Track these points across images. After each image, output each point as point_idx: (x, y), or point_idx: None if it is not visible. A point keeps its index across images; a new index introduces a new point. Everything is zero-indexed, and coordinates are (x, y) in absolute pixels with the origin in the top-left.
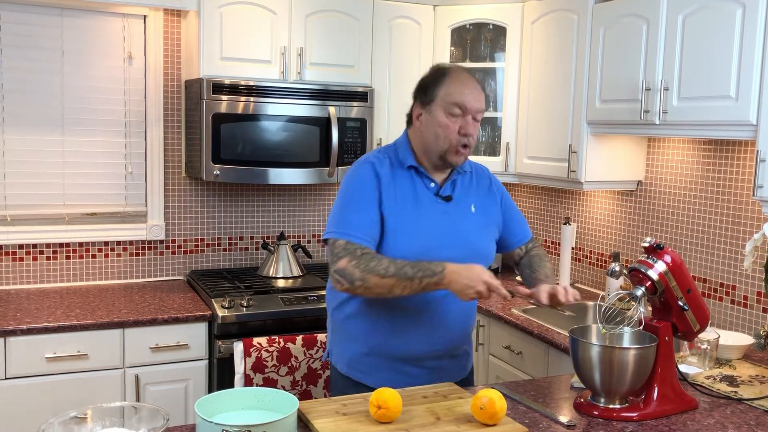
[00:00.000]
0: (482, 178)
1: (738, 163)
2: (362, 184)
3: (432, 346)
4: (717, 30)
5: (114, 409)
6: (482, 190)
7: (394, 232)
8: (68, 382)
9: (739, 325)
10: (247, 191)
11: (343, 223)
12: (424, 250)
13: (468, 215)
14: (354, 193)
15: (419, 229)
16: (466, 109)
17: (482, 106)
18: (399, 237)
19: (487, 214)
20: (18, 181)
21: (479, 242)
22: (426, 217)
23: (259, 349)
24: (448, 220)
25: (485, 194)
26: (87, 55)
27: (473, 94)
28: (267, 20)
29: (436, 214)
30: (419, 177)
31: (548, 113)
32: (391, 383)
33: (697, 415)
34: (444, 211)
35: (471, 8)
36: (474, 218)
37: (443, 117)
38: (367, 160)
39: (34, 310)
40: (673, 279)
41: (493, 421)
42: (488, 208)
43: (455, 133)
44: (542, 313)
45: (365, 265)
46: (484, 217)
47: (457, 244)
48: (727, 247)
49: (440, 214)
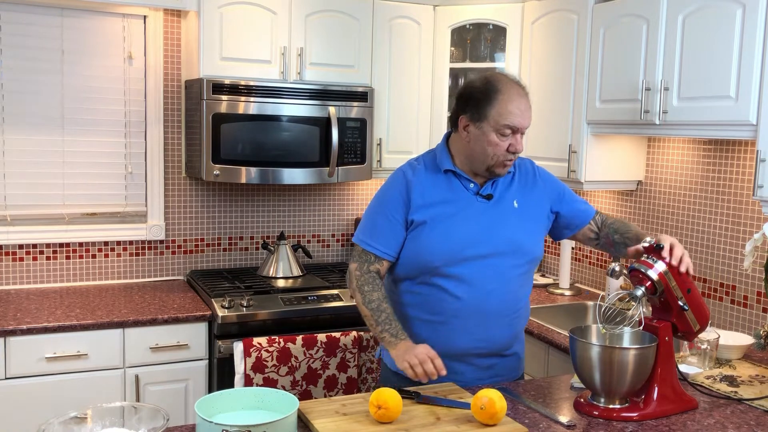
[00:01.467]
0: (525, 172)
1: (738, 163)
2: (389, 193)
3: (476, 343)
4: (717, 30)
5: (114, 409)
6: (527, 184)
7: (427, 232)
8: (68, 382)
9: (739, 325)
10: (247, 191)
11: (366, 231)
12: (460, 247)
13: (510, 211)
14: (380, 202)
15: (454, 228)
16: (518, 130)
17: (531, 119)
18: (433, 237)
19: (532, 207)
20: (18, 181)
21: (521, 239)
22: (462, 216)
23: (259, 349)
24: (488, 218)
25: (530, 187)
26: (87, 55)
27: (525, 114)
28: (267, 20)
29: (474, 213)
30: (458, 179)
31: (548, 113)
32: (438, 381)
33: (697, 415)
34: (484, 210)
35: (471, 8)
36: (517, 214)
37: (494, 137)
38: (401, 167)
39: (34, 310)
40: (673, 279)
41: (493, 421)
42: (534, 200)
43: (504, 150)
44: (542, 313)
45: (361, 284)
46: (528, 212)
47: (496, 241)
48: (727, 247)
49: (480, 212)
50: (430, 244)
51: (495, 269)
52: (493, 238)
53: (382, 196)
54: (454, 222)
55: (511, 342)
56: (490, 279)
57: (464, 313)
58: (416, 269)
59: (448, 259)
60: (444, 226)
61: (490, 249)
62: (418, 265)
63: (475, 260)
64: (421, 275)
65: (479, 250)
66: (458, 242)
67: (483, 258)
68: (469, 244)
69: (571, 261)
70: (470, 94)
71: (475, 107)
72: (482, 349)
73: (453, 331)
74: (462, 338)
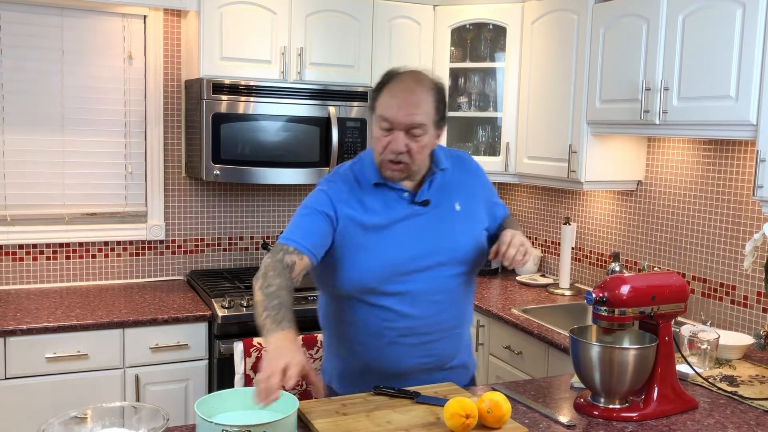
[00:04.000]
0: (464, 168)
1: (738, 163)
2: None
3: (424, 359)
4: (717, 30)
5: (114, 409)
6: (467, 181)
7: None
8: (68, 382)
9: (739, 325)
10: (247, 191)
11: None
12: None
13: (451, 216)
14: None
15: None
16: (392, 124)
17: (414, 119)
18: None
19: (474, 207)
20: (18, 181)
21: (465, 245)
22: (399, 230)
23: (259, 349)
24: (428, 227)
25: (470, 185)
26: (87, 55)
27: (403, 108)
28: (267, 20)
29: (412, 225)
30: (389, 190)
31: (548, 113)
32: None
33: (697, 415)
34: (422, 218)
35: (471, 8)
36: (460, 218)
37: (377, 130)
38: (328, 179)
39: (34, 310)
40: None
41: (499, 425)
42: (475, 199)
43: (383, 148)
44: (542, 313)
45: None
46: (471, 213)
47: (439, 251)
48: (727, 247)
49: (418, 223)
50: (367, 263)
51: (439, 281)
52: (435, 249)
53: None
54: (391, 237)
55: (457, 353)
56: (435, 291)
57: (412, 331)
58: (356, 289)
59: (388, 278)
60: (381, 244)
61: (432, 261)
62: (357, 286)
63: (417, 274)
64: (361, 294)
65: (420, 263)
66: (397, 259)
67: (425, 270)
68: (409, 260)
69: (571, 261)
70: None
71: (372, 100)
72: (429, 365)
73: (401, 350)
74: (410, 356)
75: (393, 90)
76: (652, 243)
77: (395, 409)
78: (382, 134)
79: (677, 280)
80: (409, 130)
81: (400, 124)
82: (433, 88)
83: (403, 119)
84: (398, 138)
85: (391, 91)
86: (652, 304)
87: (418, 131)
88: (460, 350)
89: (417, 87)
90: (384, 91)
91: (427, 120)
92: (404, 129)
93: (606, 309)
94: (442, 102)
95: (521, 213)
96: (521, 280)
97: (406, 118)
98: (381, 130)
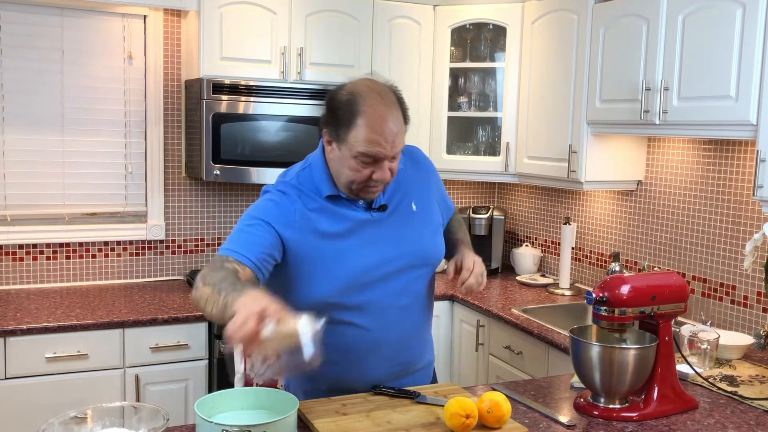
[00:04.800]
0: (419, 166)
1: (738, 163)
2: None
3: (393, 369)
4: (717, 30)
5: (114, 409)
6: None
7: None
8: (68, 382)
9: (739, 325)
10: (247, 191)
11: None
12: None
13: (410, 217)
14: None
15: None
16: (380, 158)
17: (400, 147)
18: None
19: (429, 204)
20: (18, 181)
21: (426, 246)
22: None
23: None
24: (388, 234)
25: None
26: (87, 55)
27: (389, 143)
28: (267, 20)
29: (371, 234)
30: (343, 200)
31: (548, 113)
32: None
33: (697, 415)
34: (381, 225)
35: (471, 8)
36: (418, 218)
37: (353, 162)
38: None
39: (34, 310)
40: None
41: (499, 425)
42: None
43: (366, 178)
44: (542, 313)
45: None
46: (427, 211)
47: (402, 256)
48: (727, 247)
49: (377, 231)
50: (325, 277)
51: (403, 285)
52: (398, 254)
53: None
54: (349, 248)
55: (423, 353)
56: (399, 297)
57: (376, 344)
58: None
59: (349, 290)
60: (339, 256)
61: (395, 267)
62: (317, 302)
63: (380, 282)
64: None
65: (383, 270)
66: (358, 269)
67: (389, 278)
68: (371, 268)
69: (571, 261)
70: (333, 108)
71: (336, 126)
72: (398, 373)
73: (367, 364)
74: (379, 368)
75: (372, 125)
76: (652, 243)
77: (395, 409)
78: (362, 167)
79: (677, 280)
80: (392, 158)
81: (387, 157)
82: (397, 102)
83: (390, 153)
84: (383, 167)
85: (370, 126)
86: (652, 304)
87: (398, 155)
88: (426, 350)
89: (391, 112)
90: (359, 125)
91: (403, 139)
92: (389, 159)
93: (606, 309)
94: (406, 110)
95: (521, 213)
96: (521, 280)
97: (393, 150)
98: (361, 164)
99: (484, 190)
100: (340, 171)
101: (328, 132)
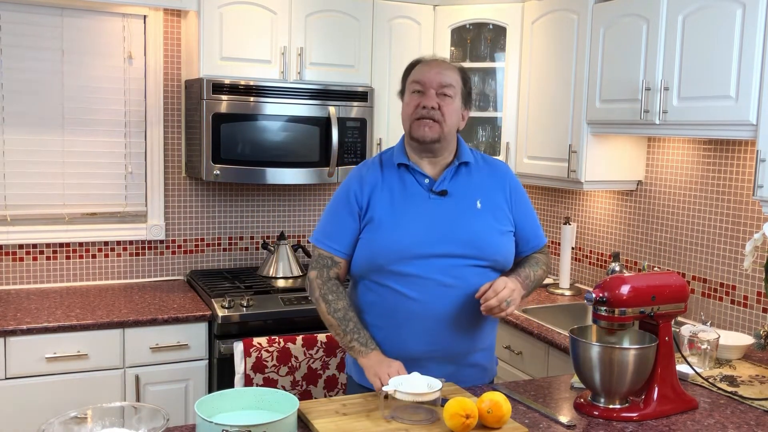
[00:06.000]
0: (496, 174)
1: (738, 163)
2: (343, 193)
3: (429, 346)
4: (717, 30)
5: (114, 409)
6: (494, 186)
7: (376, 229)
8: (68, 382)
9: (739, 325)
10: (247, 191)
11: (321, 231)
12: (409, 246)
13: (472, 211)
14: (335, 202)
15: (403, 225)
16: (425, 84)
17: (445, 79)
18: (381, 234)
19: (497, 210)
20: (18, 181)
21: (484, 241)
22: (413, 213)
23: (259, 349)
24: (445, 216)
25: (497, 190)
26: (87, 55)
27: (434, 70)
28: (267, 20)
29: (428, 211)
30: (411, 174)
31: (548, 113)
32: None
33: (697, 415)
34: (439, 207)
35: (471, 8)
36: (480, 214)
37: (408, 98)
38: (358, 165)
39: (34, 310)
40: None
41: (499, 425)
42: (499, 205)
43: (414, 107)
44: (542, 313)
45: (324, 293)
46: (493, 214)
47: (456, 241)
48: (727, 247)
49: (434, 210)
50: (378, 241)
51: (451, 270)
52: (447, 238)
53: (337, 195)
54: (403, 219)
55: (471, 351)
56: (445, 279)
57: (417, 315)
58: (366, 268)
59: (396, 258)
60: (393, 224)
61: (444, 249)
62: (368, 264)
63: (427, 259)
64: (372, 274)
65: (431, 249)
66: (407, 240)
67: (436, 257)
68: (419, 243)
69: (571, 261)
70: (405, 70)
71: (402, 83)
72: (437, 353)
73: (406, 334)
74: (418, 342)
75: (423, 63)
76: (652, 243)
77: None
78: (414, 97)
79: (677, 280)
80: (440, 91)
81: (432, 83)
82: (460, 70)
83: (435, 77)
84: (430, 95)
85: (421, 65)
86: (652, 304)
87: (449, 91)
88: (475, 350)
89: (445, 63)
90: (415, 68)
91: (456, 84)
92: (436, 88)
93: (606, 309)
94: (468, 85)
95: None
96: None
97: (438, 76)
98: (412, 94)
99: None
100: (403, 117)
101: (401, 92)
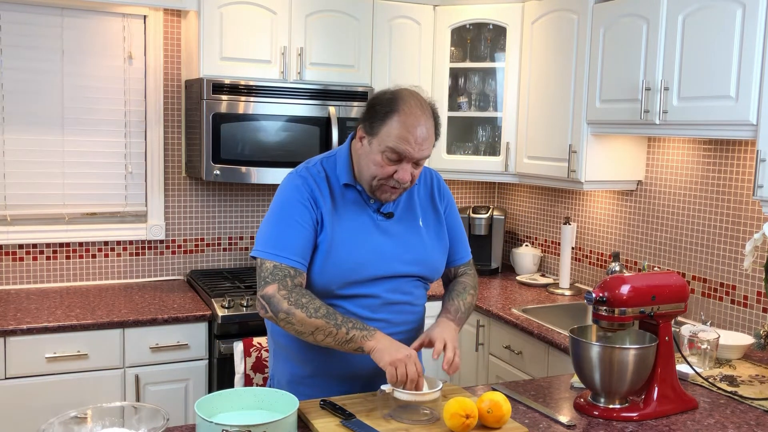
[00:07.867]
0: (429, 184)
1: (738, 163)
2: (296, 198)
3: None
4: (717, 30)
5: (114, 409)
6: (429, 199)
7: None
8: (68, 382)
9: (739, 325)
10: (248, 191)
11: (272, 242)
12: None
13: (416, 230)
14: (286, 208)
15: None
16: (403, 158)
17: (427, 153)
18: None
19: (435, 225)
20: (18, 181)
21: (431, 259)
22: (365, 235)
23: (259, 349)
24: (393, 239)
25: (430, 204)
26: (87, 55)
27: (417, 144)
28: (267, 20)
29: (377, 233)
30: (357, 193)
31: (548, 113)
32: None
33: (697, 415)
34: (387, 230)
35: (471, 8)
36: (424, 233)
37: (379, 157)
38: (300, 174)
39: (34, 310)
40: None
41: (500, 424)
42: (435, 218)
43: (388, 175)
44: (542, 313)
45: (295, 300)
46: (435, 231)
47: (405, 261)
48: (727, 247)
49: (382, 232)
50: (330, 264)
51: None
52: (398, 259)
53: (287, 202)
54: (355, 241)
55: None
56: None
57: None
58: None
59: (347, 281)
60: (345, 247)
61: (394, 270)
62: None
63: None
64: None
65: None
66: (355, 263)
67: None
68: (370, 266)
69: (571, 261)
70: (373, 105)
71: (372, 120)
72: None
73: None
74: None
75: (405, 123)
76: (652, 243)
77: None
78: (387, 163)
79: (677, 280)
80: (417, 163)
81: (411, 158)
82: (431, 114)
83: (417, 155)
84: (406, 169)
85: (404, 124)
86: (652, 304)
87: (423, 161)
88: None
89: (425, 119)
90: (393, 120)
91: (432, 143)
92: (413, 162)
93: (606, 309)
94: (438, 126)
95: (521, 213)
96: (521, 280)
97: (420, 153)
98: (386, 159)
99: (484, 190)
100: (365, 165)
101: (363, 127)
